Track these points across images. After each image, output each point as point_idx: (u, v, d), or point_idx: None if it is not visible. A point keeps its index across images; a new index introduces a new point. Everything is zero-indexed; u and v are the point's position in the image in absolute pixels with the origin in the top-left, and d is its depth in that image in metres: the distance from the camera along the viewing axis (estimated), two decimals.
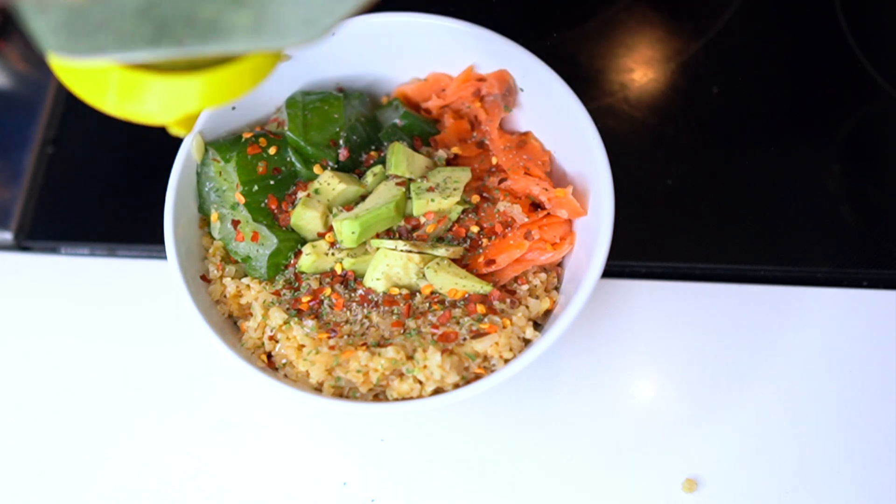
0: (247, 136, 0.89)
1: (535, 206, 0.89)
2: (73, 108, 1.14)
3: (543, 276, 0.86)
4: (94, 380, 0.96)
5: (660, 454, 0.88)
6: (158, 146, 0.96)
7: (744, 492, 0.86)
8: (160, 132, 1.06)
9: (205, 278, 0.87)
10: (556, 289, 0.87)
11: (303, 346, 0.80)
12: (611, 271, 0.96)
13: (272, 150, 0.88)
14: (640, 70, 1.10)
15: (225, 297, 0.87)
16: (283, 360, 0.82)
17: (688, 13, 1.15)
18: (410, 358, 0.79)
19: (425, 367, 0.77)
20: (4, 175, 1.10)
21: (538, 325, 0.85)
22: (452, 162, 0.92)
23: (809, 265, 0.97)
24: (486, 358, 0.80)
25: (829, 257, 0.97)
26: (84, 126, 1.13)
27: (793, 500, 0.85)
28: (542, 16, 1.17)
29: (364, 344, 0.80)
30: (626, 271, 0.97)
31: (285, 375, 0.82)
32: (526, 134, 0.93)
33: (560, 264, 0.88)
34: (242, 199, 0.86)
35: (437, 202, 0.85)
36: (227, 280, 0.86)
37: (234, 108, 0.90)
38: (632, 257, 0.97)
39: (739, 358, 0.91)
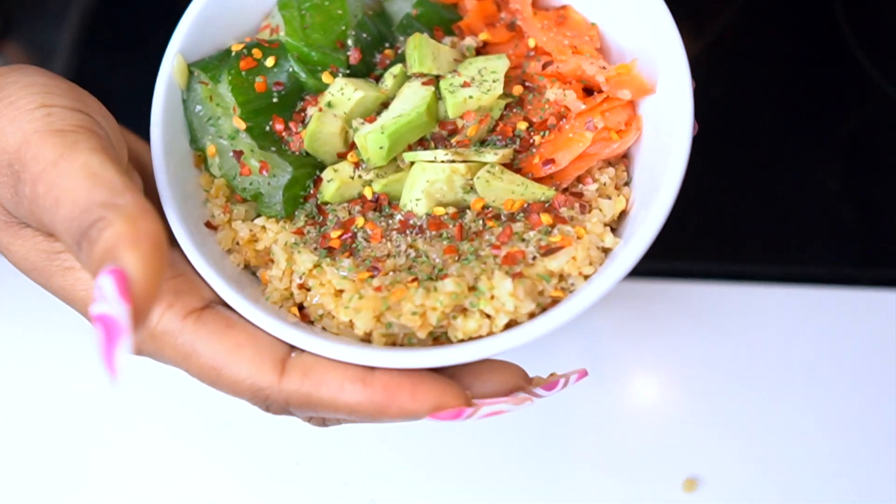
0: (237, 48, 0.74)
1: (587, 91, 0.75)
2: None
3: (611, 170, 0.73)
4: (94, 380, 0.96)
5: (660, 454, 0.91)
6: None
7: (744, 492, 0.89)
8: None
9: (210, 225, 0.73)
10: (626, 184, 0.73)
11: (341, 291, 0.67)
12: None
13: (270, 62, 0.74)
14: None
15: (237, 244, 0.73)
16: (320, 312, 0.68)
17: (688, 13, 1.13)
18: (473, 289, 0.65)
19: (493, 297, 0.64)
20: None
21: (613, 230, 0.71)
22: (482, 51, 0.79)
23: (809, 265, 0.99)
24: (562, 277, 0.66)
25: (829, 257, 1.00)
26: None
27: (793, 501, 0.88)
28: None
29: (415, 279, 0.66)
30: None
31: (324, 329, 0.68)
32: (564, 7, 0.79)
33: (625, 155, 0.75)
34: (243, 125, 0.72)
35: (477, 98, 0.71)
36: (237, 224, 0.73)
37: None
38: None
39: (739, 358, 0.94)
